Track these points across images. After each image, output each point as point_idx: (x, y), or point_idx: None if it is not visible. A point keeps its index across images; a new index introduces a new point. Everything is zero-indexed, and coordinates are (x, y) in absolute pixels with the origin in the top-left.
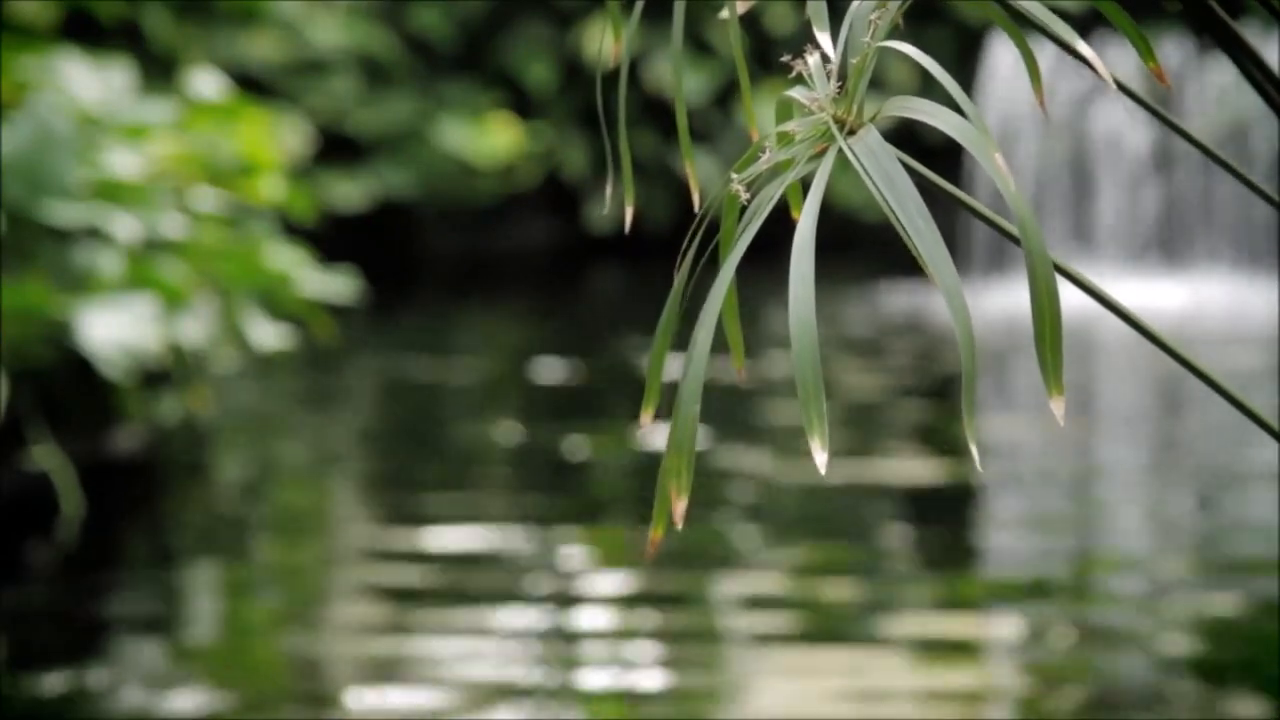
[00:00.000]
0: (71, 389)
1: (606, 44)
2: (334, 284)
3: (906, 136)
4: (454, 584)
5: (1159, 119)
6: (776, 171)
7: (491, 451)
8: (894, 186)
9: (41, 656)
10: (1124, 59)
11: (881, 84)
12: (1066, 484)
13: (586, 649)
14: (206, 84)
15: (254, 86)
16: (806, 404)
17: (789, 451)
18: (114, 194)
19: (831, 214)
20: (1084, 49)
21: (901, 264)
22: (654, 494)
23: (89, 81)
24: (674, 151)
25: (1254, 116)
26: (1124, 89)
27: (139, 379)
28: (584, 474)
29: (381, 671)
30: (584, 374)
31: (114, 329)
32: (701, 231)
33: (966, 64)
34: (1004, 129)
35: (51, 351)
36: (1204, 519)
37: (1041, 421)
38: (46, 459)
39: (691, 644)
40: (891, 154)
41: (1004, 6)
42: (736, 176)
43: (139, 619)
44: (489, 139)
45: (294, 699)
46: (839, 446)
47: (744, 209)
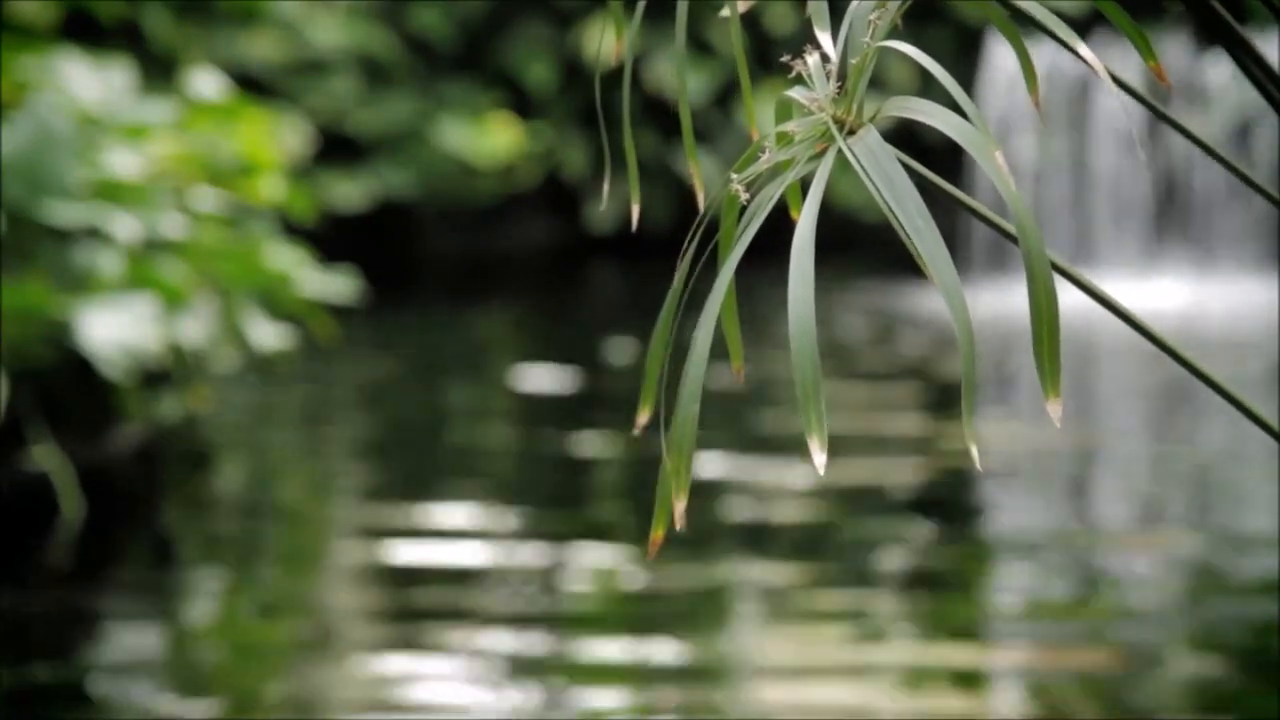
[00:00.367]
0: (71, 389)
1: (607, 43)
2: (334, 284)
3: (906, 136)
4: (454, 581)
5: (1160, 118)
6: (776, 171)
7: (491, 452)
8: (893, 187)
9: (41, 657)
10: (1124, 59)
11: (882, 84)
12: (1065, 489)
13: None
14: (206, 84)
15: (254, 86)
16: (805, 404)
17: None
18: (114, 194)
19: (831, 214)
20: (1083, 51)
21: (902, 264)
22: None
23: (89, 81)
24: (674, 151)
25: (1254, 116)
26: (1125, 88)
27: (139, 379)
28: (584, 476)
29: (381, 672)
30: (584, 374)
31: (114, 329)
32: (701, 231)
33: (966, 64)
34: (1004, 129)
35: (51, 351)
36: (1207, 536)
37: (1040, 423)
38: (46, 459)
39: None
40: (891, 154)
41: (1004, 6)
42: (736, 176)
43: (139, 619)
44: (489, 139)
45: (294, 700)
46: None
47: (744, 209)
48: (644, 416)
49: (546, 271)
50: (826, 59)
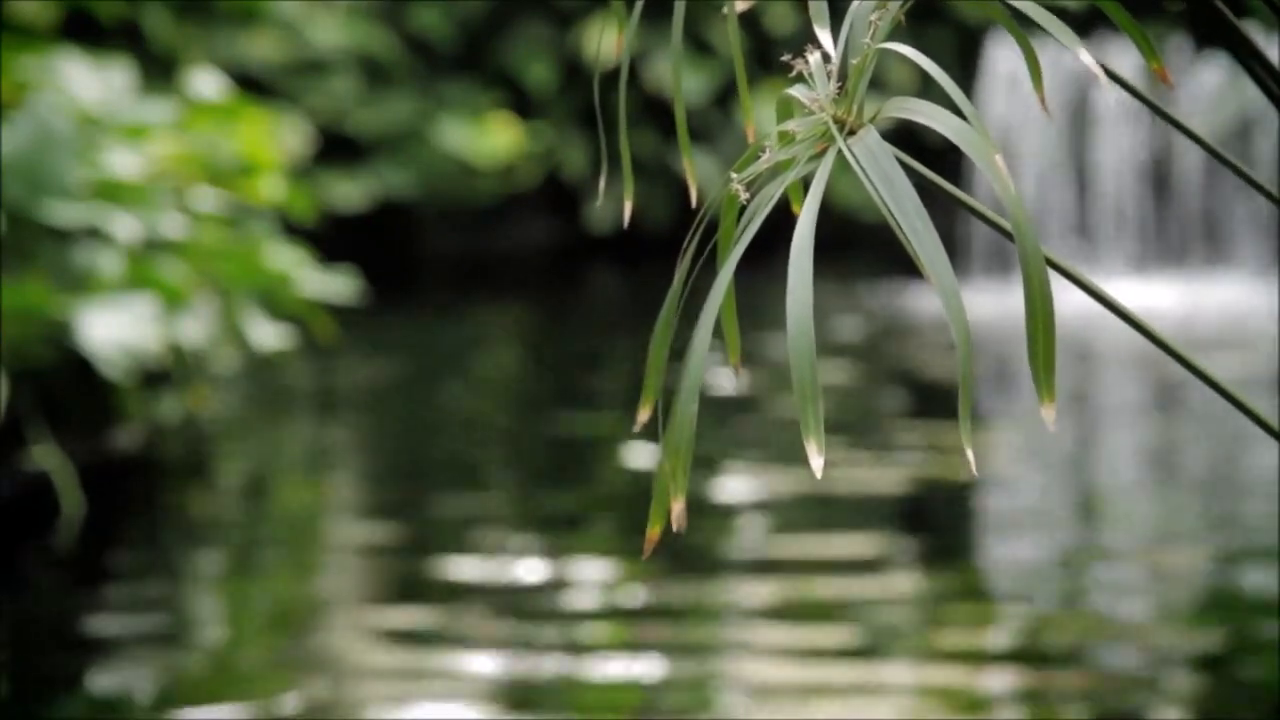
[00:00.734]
0: (71, 389)
1: (606, 42)
2: (334, 284)
3: (907, 136)
4: (456, 586)
5: (1162, 117)
6: (776, 171)
7: (491, 454)
8: (892, 187)
9: (41, 657)
10: (1125, 58)
11: (882, 84)
12: (1065, 492)
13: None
14: (206, 84)
15: (254, 86)
16: (803, 405)
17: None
18: (114, 194)
19: (831, 213)
20: (1082, 53)
21: (902, 265)
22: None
23: (89, 81)
24: (674, 151)
25: (1254, 116)
26: (1126, 87)
27: (139, 379)
28: (584, 479)
29: (381, 672)
30: (583, 376)
31: (114, 329)
32: (701, 231)
33: (967, 64)
34: (1003, 129)
35: (51, 351)
36: (1208, 551)
37: (1039, 425)
38: (46, 459)
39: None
40: (890, 155)
41: (1005, 6)
42: (736, 176)
43: (138, 619)
44: (489, 139)
45: (293, 702)
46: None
47: (744, 209)
48: (644, 414)
49: (546, 271)
50: (827, 58)
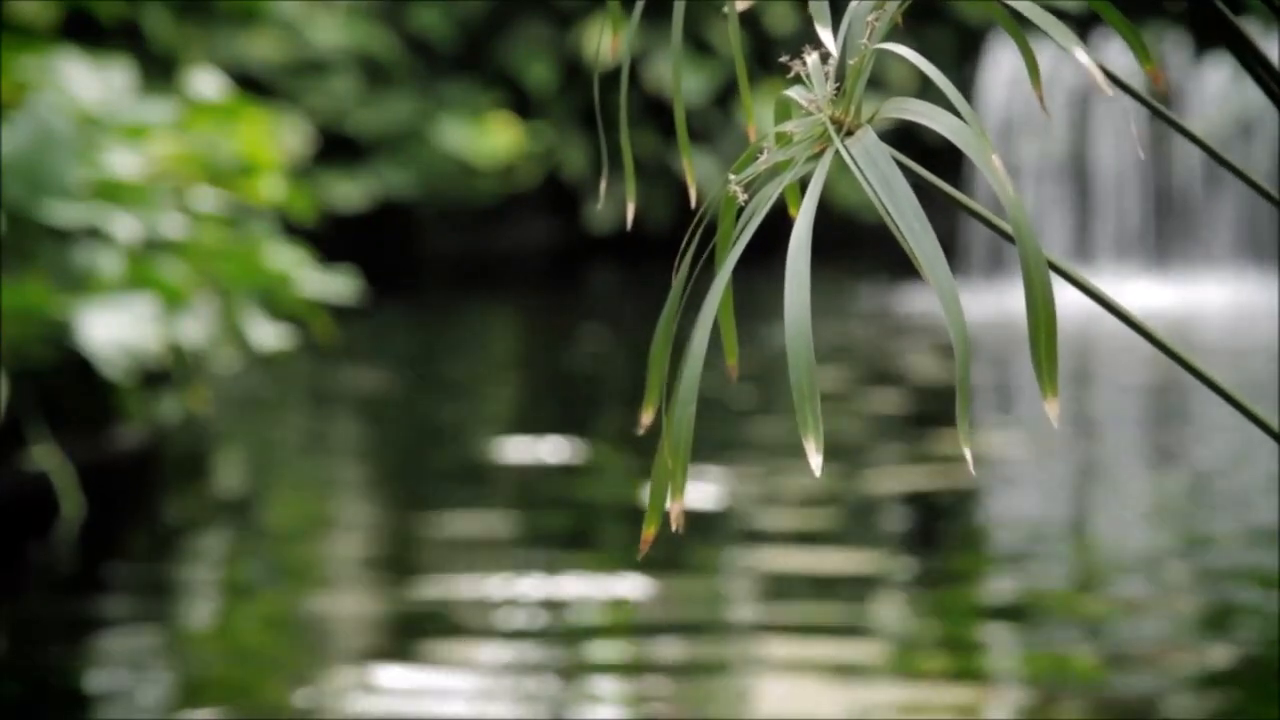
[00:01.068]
0: (71, 389)
1: (605, 42)
2: (334, 284)
3: (907, 136)
4: (456, 589)
5: (1161, 118)
6: (775, 172)
7: (491, 454)
8: (890, 188)
9: (41, 657)
10: (1125, 58)
11: (882, 84)
12: (1065, 496)
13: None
14: (206, 84)
15: (254, 86)
16: (801, 405)
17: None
18: (114, 194)
19: (831, 214)
20: (1080, 55)
21: (901, 265)
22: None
23: (89, 81)
24: (674, 151)
25: (1253, 116)
26: (1124, 87)
27: (139, 379)
28: (582, 482)
29: (380, 671)
30: (583, 377)
31: (114, 329)
32: (701, 232)
33: (967, 65)
34: (1004, 130)
35: (51, 351)
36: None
37: (1039, 425)
38: (46, 459)
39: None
40: (888, 155)
41: (1003, 6)
42: (734, 177)
43: (138, 620)
44: (489, 139)
45: (292, 704)
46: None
47: (742, 210)
48: (648, 416)
49: (546, 271)
50: (826, 59)
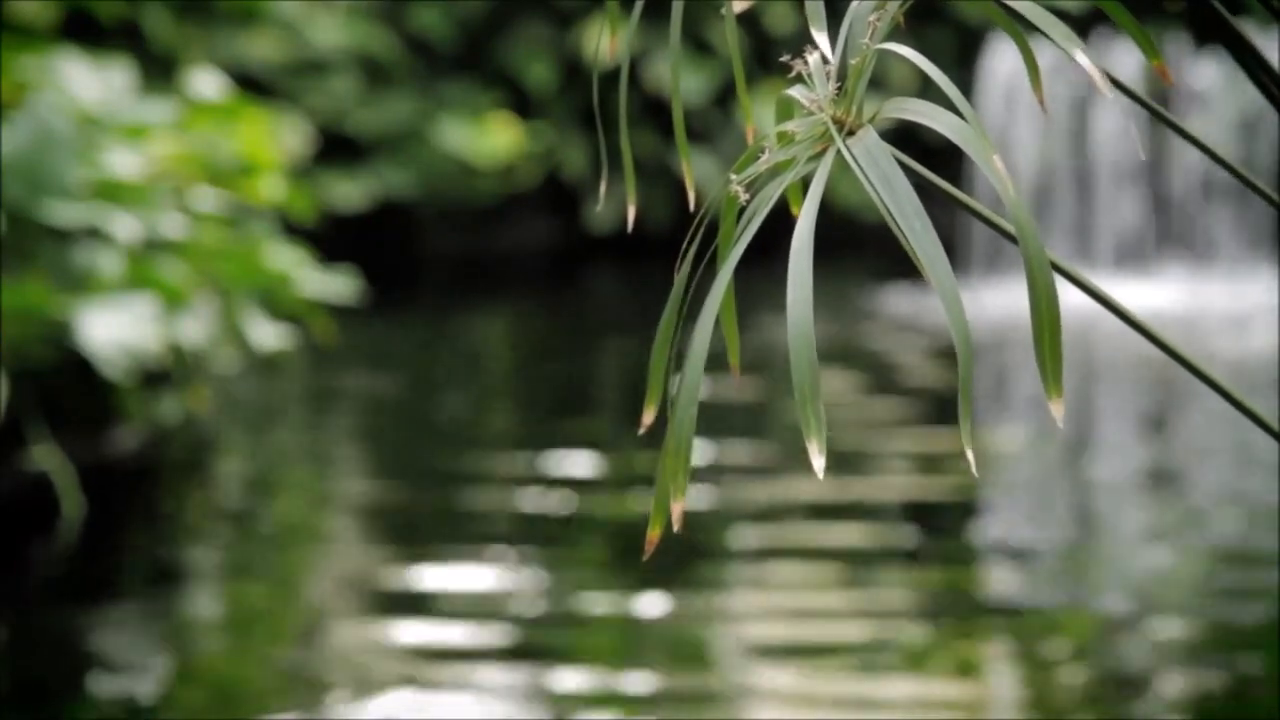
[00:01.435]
0: (71, 389)
1: (605, 42)
2: (334, 284)
3: (908, 135)
4: (456, 589)
5: (1160, 118)
6: (776, 172)
7: (491, 455)
8: (891, 188)
9: (41, 657)
10: (1125, 58)
11: (883, 83)
12: (1064, 499)
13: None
14: (206, 84)
15: (254, 86)
16: (803, 405)
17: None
18: (114, 194)
19: (833, 213)
20: (1080, 57)
21: (902, 265)
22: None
23: (89, 81)
24: (674, 151)
25: (1253, 116)
26: (1123, 89)
27: (139, 379)
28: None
29: (381, 672)
30: (583, 378)
31: (114, 329)
32: (701, 232)
33: (967, 65)
34: (1005, 130)
35: (51, 351)
36: (1208, 560)
37: (1039, 426)
38: (46, 459)
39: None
40: (889, 155)
41: (1002, 6)
42: (735, 177)
43: (138, 621)
44: (489, 139)
45: (292, 705)
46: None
47: (743, 210)
48: (649, 416)
49: (546, 272)
50: (826, 59)
